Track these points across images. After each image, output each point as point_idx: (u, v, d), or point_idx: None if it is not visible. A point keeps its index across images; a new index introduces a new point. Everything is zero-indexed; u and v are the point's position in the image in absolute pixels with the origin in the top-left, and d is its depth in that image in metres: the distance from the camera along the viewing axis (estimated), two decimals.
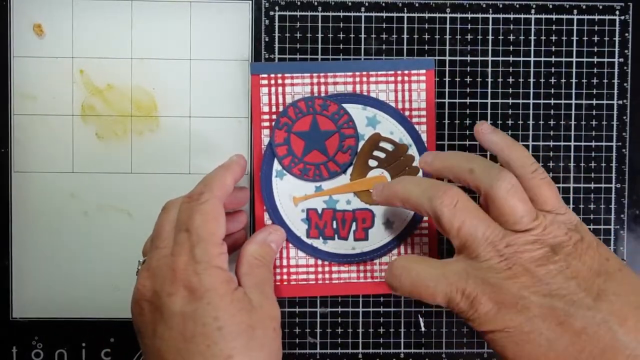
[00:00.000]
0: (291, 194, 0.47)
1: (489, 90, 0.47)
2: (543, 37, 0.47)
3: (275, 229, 0.45)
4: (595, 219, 0.48)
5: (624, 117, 0.48)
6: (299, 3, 0.47)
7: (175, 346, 0.37)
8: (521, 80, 0.47)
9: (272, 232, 0.45)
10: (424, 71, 0.47)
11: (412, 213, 0.47)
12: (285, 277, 0.47)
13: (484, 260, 0.36)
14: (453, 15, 0.47)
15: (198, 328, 0.37)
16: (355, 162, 0.47)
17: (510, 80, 0.47)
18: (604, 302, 0.35)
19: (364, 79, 0.47)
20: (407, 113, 0.47)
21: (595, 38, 0.47)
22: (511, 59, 0.47)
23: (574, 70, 0.47)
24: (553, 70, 0.47)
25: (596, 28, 0.47)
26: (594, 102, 0.48)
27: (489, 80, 0.47)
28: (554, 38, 0.47)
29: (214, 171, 0.42)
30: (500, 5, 0.47)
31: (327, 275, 0.47)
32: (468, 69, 0.47)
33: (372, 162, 0.47)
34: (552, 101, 0.47)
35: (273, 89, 0.46)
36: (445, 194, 0.38)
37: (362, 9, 0.47)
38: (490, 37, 0.47)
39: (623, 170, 0.48)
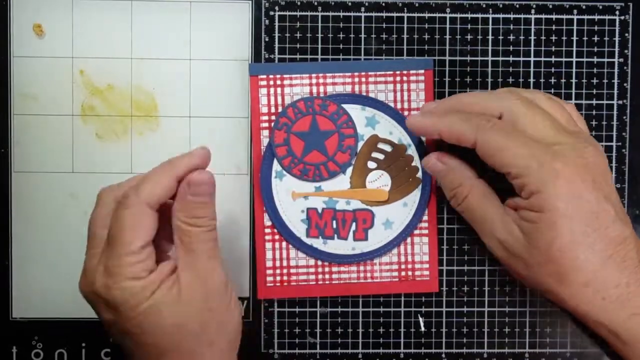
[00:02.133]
0: (290, 193, 0.47)
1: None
2: (543, 37, 0.47)
3: (193, 174, 0.38)
4: None
5: (624, 117, 0.48)
6: (299, 3, 0.47)
7: (122, 343, 0.38)
8: (521, 80, 0.47)
9: (191, 180, 0.37)
10: (422, 71, 0.47)
11: (412, 213, 0.47)
12: (285, 277, 0.47)
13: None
14: (453, 15, 0.47)
15: (123, 335, 0.37)
16: (354, 165, 0.46)
17: (510, 80, 0.47)
18: None
19: (363, 79, 0.47)
20: (406, 113, 0.47)
21: (595, 38, 0.47)
22: (511, 59, 0.47)
23: (574, 70, 0.47)
24: (553, 70, 0.47)
25: (596, 28, 0.47)
26: (594, 102, 0.47)
27: (489, 80, 0.47)
28: (554, 38, 0.47)
29: (152, 170, 0.38)
30: (500, 5, 0.47)
31: (327, 276, 0.47)
32: (468, 69, 0.47)
33: (371, 164, 0.47)
34: None
35: (272, 89, 0.46)
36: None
37: (362, 9, 0.47)
38: (490, 37, 0.47)
39: (623, 171, 0.48)
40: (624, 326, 0.40)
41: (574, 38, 0.47)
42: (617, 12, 0.47)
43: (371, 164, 0.47)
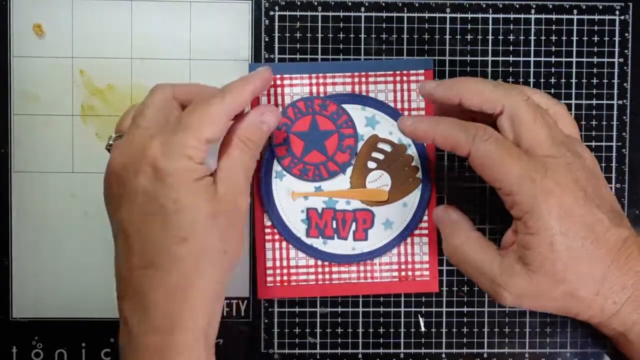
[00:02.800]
0: (290, 193, 0.47)
1: None
2: (543, 37, 0.47)
3: (270, 109, 0.43)
4: None
5: (624, 117, 0.48)
6: (299, 3, 0.47)
7: (136, 221, 0.38)
8: (521, 80, 0.47)
9: (266, 112, 0.42)
10: (422, 71, 0.47)
11: (412, 213, 0.47)
12: (285, 277, 0.47)
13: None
14: (453, 15, 0.47)
15: (156, 207, 0.38)
16: (354, 165, 0.46)
17: (510, 80, 0.47)
18: None
19: (363, 79, 0.47)
20: (406, 113, 0.47)
21: (595, 38, 0.47)
22: (511, 59, 0.47)
23: (574, 70, 0.47)
24: (553, 70, 0.47)
25: (596, 28, 0.47)
26: (594, 102, 0.47)
27: None
28: (554, 38, 0.47)
29: (235, 80, 0.42)
30: (500, 5, 0.47)
31: (327, 276, 0.47)
32: (468, 69, 0.47)
33: (371, 164, 0.47)
34: None
35: (272, 89, 0.46)
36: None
37: (362, 9, 0.47)
38: (490, 37, 0.47)
39: (623, 170, 0.48)
40: (633, 328, 0.40)
41: (574, 38, 0.47)
42: (617, 12, 0.47)
43: (371, 164, 0.47)
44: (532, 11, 0.47)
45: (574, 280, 0.38)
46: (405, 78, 0.47)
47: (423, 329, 0.48)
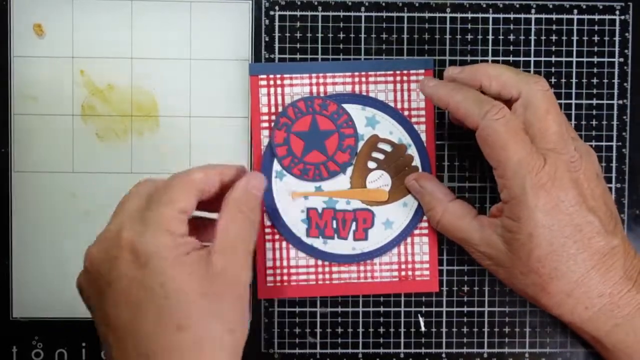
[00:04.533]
0: (290, 193, 0.47)
1: None
2: (543, 37, 0.47)
3: (254, 174, 0.40)
4: None
5: (624, 117, 0.48)
6: (299, 3, 0.47)
7: (124, 313, 0.34)
8: None
9: (252, 179, 0.39)
10: (422, 71, 0.47)
11: (412, 213, 0.47)
12: (285, 277, 0.47)
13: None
14: (453, 15, 0.47)
15: (144, 295, 0.34)
16: (354, 165, 0.47)
17: None
18: None
19: (363, 79, 0.47)
20: (406, 113, 0.47)
21: (595, 38, 0.47)
22: (511, 59, 0.47)
23: (574, 70, 0.47)
24: (553, 70, 0.47)
25: (596, 28, 0.47)
26: (594, 102, 0.47)
27: None
28: (554, 38, 0.47)
29: (198, 167, 0.39)
30: (500, 5, 0.47)
31: (327, 276, 0.47)
32: None
33: (371, 164, 0.47)
34: None
35: (272, 89, 0.46)
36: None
37: (362, 9, 0.47)
38: (490, 37, 0.47)
39: (623, 170, 0.48)
40: (607, 335, 0.40)
41: (574, 38, 0.47)
42: (617, 12, 0.47)
43: (371, 164, 0.47)
44: (532, 11, 0.47)
45: (546, 274, 0.38)
46: (405, 78, 0.47)
47: (423, 328, 0.48)
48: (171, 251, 0.35)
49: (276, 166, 0.46)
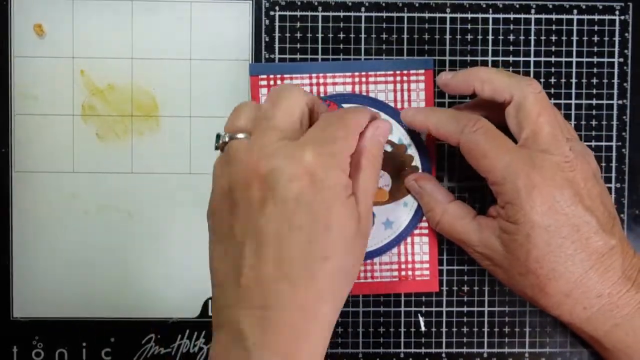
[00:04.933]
0: None
1: None
2: (543, 37, 0.47)
3: (381, 121, 0.40)
4: None
5: (624, 117, 0.48)
6: (299, 3, 0.47)
7: (279, 229, 0.35)
8: None
9: (379, 126, 0.39)
10: (422, 71, 0.47)
11: (412, 213, 0.47)
12: None
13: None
14: (453, 15, 0.47)
15: (306, 220, 0.35)
16: None
17: None
18: None
19: (363, 79, 0.47)
20: None
21: (595, 38, 0.47)
22: (511, 59, 0.47)
23: (574, 70, 0.47)
24: (553, 70, 0.47)
25: (596, 28, 0.47)
26: (594, 102, 0.48)
27: None
28: (554, 38, 0.47)
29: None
30: (500, 5, 0.47)
31: None
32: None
33: None
34: (552, 101, 0.47)
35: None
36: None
37: (362, 9, 0.47)
38: (490, 37, 0.47)
39: (623, 170, 0.48)
40: (607, 335, 0.40)
41: (574, 38, 0.47)
42: (617, 12, 0.47)
43: None
44: (532, 11, 0.47)
45: (544, 275, 0.38)
46: (405, 78, 0.47)
47: (423, 328, 0.48)
48: (342, 191, 0.36)
49: None
